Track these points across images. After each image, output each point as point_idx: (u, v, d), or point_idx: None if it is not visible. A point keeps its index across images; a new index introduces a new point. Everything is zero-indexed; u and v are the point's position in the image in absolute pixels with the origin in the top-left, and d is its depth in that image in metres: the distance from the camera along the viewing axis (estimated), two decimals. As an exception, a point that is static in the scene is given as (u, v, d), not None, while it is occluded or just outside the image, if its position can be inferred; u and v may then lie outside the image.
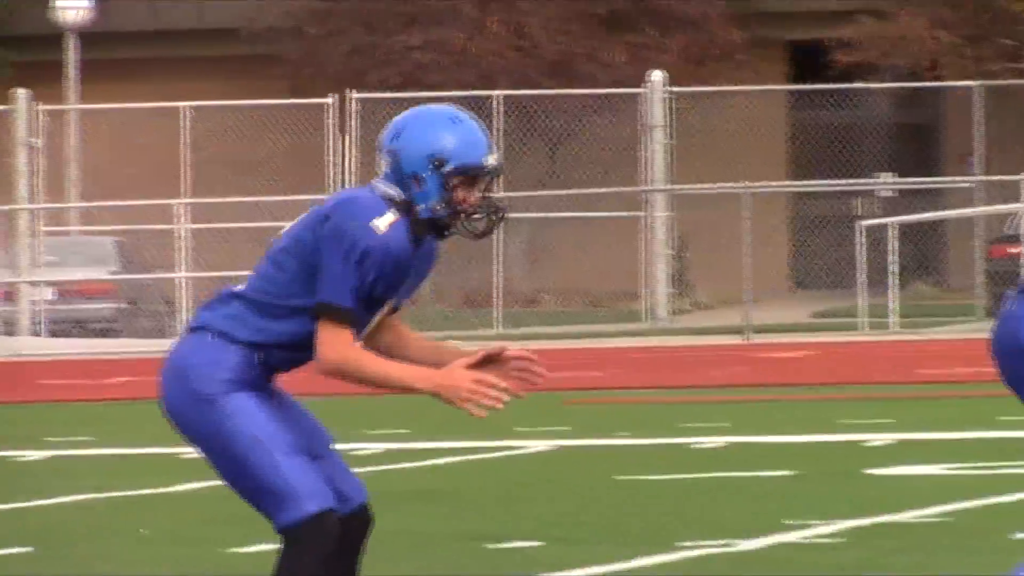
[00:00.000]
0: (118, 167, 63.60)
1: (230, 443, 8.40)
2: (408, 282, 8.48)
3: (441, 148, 8.52)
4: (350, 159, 61.26)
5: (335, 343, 8.40)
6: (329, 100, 61.98)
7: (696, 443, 28.81)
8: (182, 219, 57.94)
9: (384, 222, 8.30)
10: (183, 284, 56.92)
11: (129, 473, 24.84)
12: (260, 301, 8.59)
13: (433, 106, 8.94)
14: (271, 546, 9.82)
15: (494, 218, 8.35)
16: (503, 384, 8.11)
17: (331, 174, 62.14)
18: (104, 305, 57.64)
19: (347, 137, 61.70)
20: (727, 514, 19.51)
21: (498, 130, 58.91)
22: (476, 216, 8.30)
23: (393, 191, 8.45)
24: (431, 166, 8.48)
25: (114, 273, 58.53)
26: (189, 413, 8.67)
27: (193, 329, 8.75)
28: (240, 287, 9.23)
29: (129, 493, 21.25)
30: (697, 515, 20.11)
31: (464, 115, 8.60)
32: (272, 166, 66.50)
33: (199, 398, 8.40)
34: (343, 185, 60.66)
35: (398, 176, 8.64)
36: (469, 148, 8.34)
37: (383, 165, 8.84)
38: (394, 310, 8.59)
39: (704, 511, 20.77)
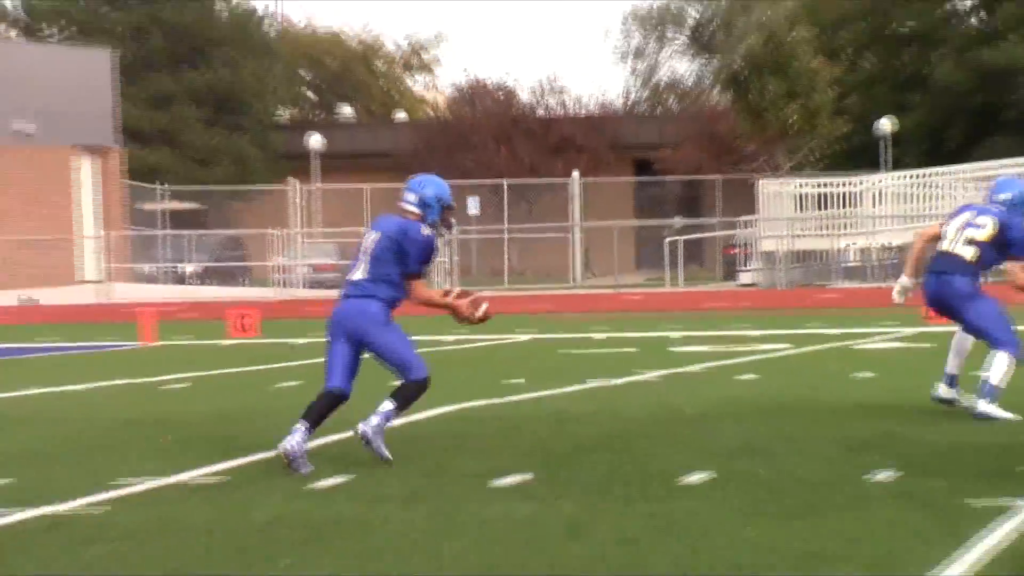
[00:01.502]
0: (339, 217, 74.99)
1: (393, 342, 15.49)
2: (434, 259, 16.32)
3: (442, 195, 15.94)
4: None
5: (419, 289, 15.82)
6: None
7: (591, 337, 36.42)
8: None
9: (427, 230, 15.47)
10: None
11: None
12: (384, 279, 15.56)
13: (434, 175, 16.67)
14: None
15: (451, 226, 16.51)
16: (483, 300, 16.24)
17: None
18: (330, 275, 66.48)
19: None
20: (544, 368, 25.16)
21: (504, 198, 78.01)
22: (447, 225, 16.12)
23: (416, 211, 15.67)
24: (437, 202, 15.89)
25: (334, 259, 70.07)
26: (375, 330, 15.78)
27: (363, 296, 15.62)
28: (361, 276, 15.91)
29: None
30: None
31: (444, 180, 16.35)
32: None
33: (383, 323, 15.60)
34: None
35: (420, 205, 15.79)
36: (449, 196, 15.94)
37: (411, 197, 15.96)
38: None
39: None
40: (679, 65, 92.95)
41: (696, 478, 13.48)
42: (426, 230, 15.04)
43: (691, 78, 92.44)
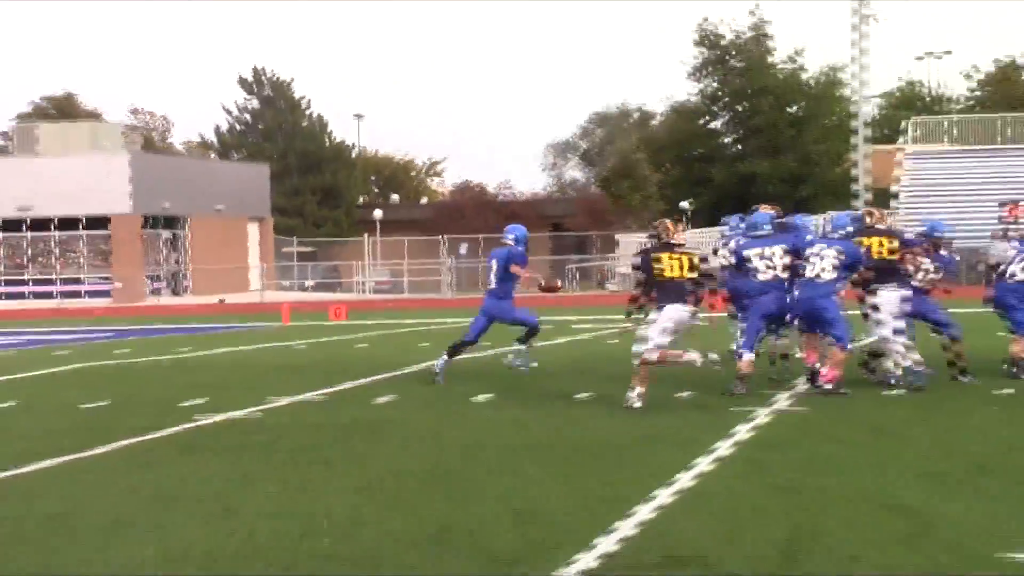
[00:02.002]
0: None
1: (515, 312, 15.69)
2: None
3: (522, 234, 15.65)
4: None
5: (528, 276, 15.54)
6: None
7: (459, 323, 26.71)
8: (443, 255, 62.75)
9: (520, 249, 15.40)
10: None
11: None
12: (505, 282, 15.47)
13: (519, 224, 16.51)
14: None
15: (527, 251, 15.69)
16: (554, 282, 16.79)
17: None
18: (385, 287, 65.16)
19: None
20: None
21: (480, 245, 64.86)
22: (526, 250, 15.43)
23: (511, 242, 15.43)
24: (524, 240, 15.62)
25: (387, 278, 67.04)
26: (508, 311, 15.71)
27: (498, 297, 15.63)
28: (493, 285, 15.65)
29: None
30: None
31: (523, 227, 16.05)
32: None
33: (509, 307, 15.61)
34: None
35: (515, 240, 15.55)
36: (526, 234, 15.67)
37: (509, 236, 15.70)
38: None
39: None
40: (576, 172, 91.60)
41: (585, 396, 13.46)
42: (519, 249, 15.71)
43: (582, 179, 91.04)
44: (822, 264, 13.58)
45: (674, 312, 12.86)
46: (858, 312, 14.54)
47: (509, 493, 8.09)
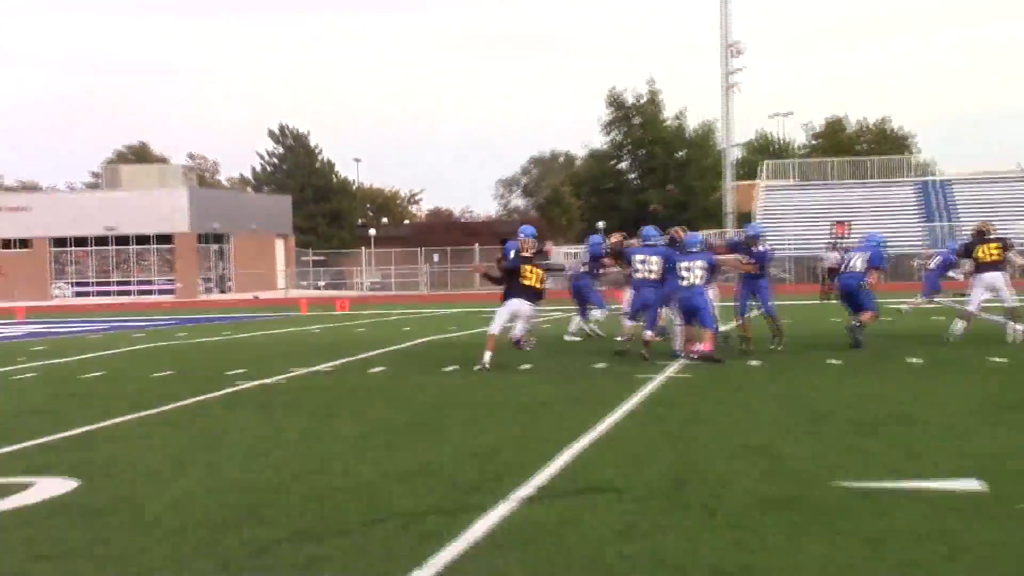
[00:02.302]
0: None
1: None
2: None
3: (531, 233, 13.65)
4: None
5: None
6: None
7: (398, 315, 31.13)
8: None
9: (534, 246, 13.44)
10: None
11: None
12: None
13: (529, 225, 14.08)
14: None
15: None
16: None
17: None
18: (379, 287, 63.21)
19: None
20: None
21: (449, 256, 62.47)
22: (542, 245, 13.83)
23: (523, 239, 13.36)
24: (532, 235, 13.66)
25: (379, 279, 65.10)
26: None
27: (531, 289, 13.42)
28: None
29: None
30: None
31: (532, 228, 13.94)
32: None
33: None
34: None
35: (526, 236, 13.54)
36: (534, 233, 13.55)
37: (521, 235, 13.71)
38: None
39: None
40: (519, 201, 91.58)
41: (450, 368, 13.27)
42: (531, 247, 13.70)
43: (523, 206, 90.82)
44: (694, 274, 13.69)
45: (518, 304, 13.36)
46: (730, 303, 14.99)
47: (470, 439, 8.02)
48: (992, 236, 16.11)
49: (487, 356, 13.07)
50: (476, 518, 5.42)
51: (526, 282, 13.42)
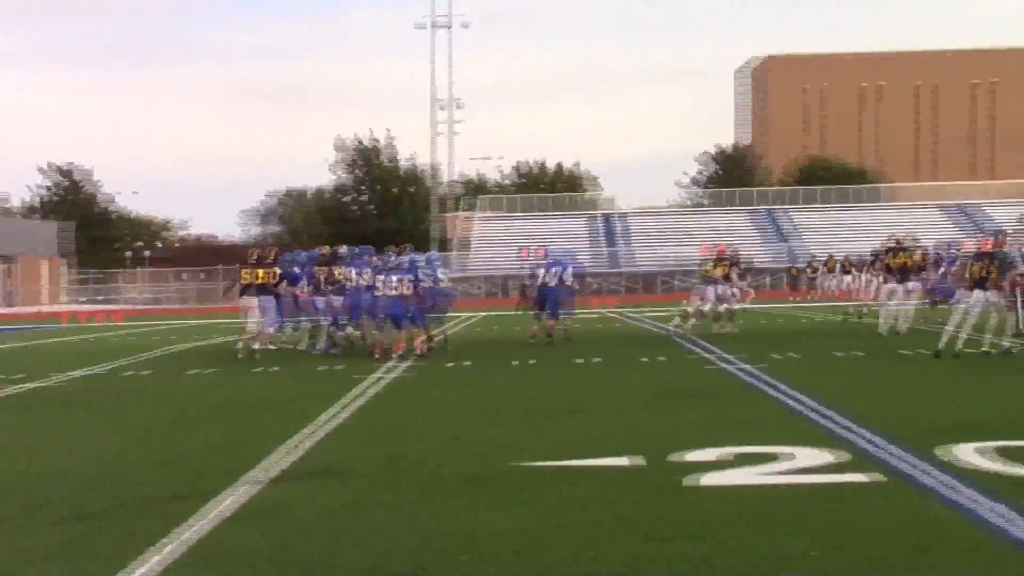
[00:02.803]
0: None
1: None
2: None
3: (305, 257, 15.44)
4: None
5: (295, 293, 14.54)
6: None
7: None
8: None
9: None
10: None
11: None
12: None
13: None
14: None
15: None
16: None
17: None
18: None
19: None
20: None
21: None
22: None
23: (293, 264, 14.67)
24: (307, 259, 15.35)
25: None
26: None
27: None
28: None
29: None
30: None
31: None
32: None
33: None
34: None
35: (295, 262, 15.22)
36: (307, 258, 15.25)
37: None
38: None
39: None
40: (258, 228, 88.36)
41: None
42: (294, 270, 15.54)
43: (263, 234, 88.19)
44: (391, 285, 13.93)
45: (251, 300, 14.42)
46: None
47: (218, 432, 7.75)
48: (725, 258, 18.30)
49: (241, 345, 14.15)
50: (224, 499, 5.29)
51: (252, 281, 14.37)
